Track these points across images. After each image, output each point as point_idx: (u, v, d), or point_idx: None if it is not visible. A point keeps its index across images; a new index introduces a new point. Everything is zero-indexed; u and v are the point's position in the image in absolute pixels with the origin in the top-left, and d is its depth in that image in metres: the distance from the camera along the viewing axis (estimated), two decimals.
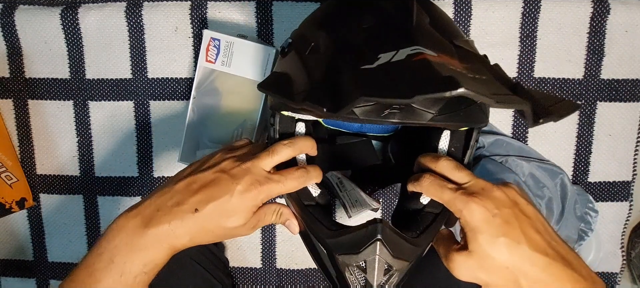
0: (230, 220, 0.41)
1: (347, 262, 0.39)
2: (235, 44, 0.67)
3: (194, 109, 0.70)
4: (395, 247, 0.39)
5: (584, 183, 0.76)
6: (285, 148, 0.43)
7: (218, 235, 0.42)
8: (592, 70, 0.73)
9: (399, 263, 0.39)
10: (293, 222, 0.46)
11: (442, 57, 0.33)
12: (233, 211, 0.41)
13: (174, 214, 0.40)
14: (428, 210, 0.45)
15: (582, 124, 0.74)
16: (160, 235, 0.39)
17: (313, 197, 0.46)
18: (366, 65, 0.33)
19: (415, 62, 0.32)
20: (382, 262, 0.38)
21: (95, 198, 0.80)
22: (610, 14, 0.70)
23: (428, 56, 0.32)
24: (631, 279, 0.80)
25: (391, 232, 0.39)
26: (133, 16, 0.74)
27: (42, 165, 0.80)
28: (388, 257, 0.38)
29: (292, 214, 0.46)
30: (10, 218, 0.81)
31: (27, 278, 0.84)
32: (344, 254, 0.39)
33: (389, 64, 0.33)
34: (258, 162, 0.42)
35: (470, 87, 0.28)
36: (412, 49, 0.33)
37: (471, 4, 0.71)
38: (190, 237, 0.40)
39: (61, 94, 0.77)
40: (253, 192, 0.41)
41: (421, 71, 0.31)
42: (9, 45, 0.76)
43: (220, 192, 0.40)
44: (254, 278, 0.81)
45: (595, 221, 0.72)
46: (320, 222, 0.42)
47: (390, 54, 0.33)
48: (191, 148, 0.72)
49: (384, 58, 0.33)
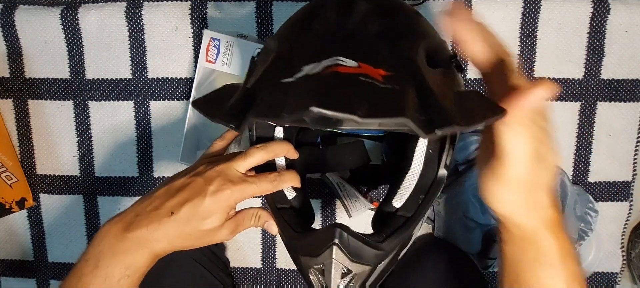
0: (205, 222, 0.42)
1: (309, 264, 0.41)
2: (235, 44, 0.67)
3: (194, 109, 0.70)
4: (353, 251, 0.39)
5: (584, 183, 0.76)
6: (259, 152, 0.44)
7: (197, 239, 0.43)
8: (592, 70, 0.73)
9: (359, 267, 0.40)
10: (272, 224, 0.47)
11: (363, 67, 0.33)
12: (208, 212, 0.41)
13: (151, 218, 0.41)
14: (400, 213, 0.45)
15: (582, 124, 0.74)
16: (140, 238, 0.40)
17: (288, 200, 0.47)
18: (286, 79, 0.34)
19: (324, 76, 0.32)
20: (339, 265, 0.39)
21: (95, 198, 0.80)
22: (610, 14, 0.70)
23: (341, 69, 0.32)
24: (631, 279, 0.80)
25: (350, 237, 0.39)
26: (133, 16, 0.74)
27: (42, 165, 0.80)
28: (345, 261, 0.39)
29: (270, 215, 0.47)
30: (10, 218, 0.81)
31: (27, 278, 0.84)
32: (305, 256, 0.41)
33: (305, 77, 0.33)
34: (232, 164, 0.44)
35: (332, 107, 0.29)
36: (332, 60, 0.33)
37: (471, 4, 0.71)
38: (168, 240, 0.41)
39: (61, 94, 0.77)
40: (226, 191, 0.42)
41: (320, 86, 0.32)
42: (9, 45, 0.76)
43: (193, 194, 0.42)
44: (254, 278, 0.81)
45: (595, 221, 0.72)
46: (288, 224, 0.44)
47: (311, 66, 0.34)
48: (191, 149, 0.72)
49: (306, 70, 0.34)
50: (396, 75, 0.33)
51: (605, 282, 0.79)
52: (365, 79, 0.32)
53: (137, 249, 0.40)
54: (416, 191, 0.45)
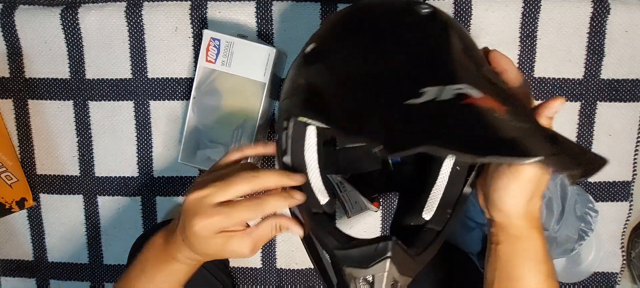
0: (206, 246, 0.42)
1: (355, 275, 0.40)
2: (235, 44, 0.67)
3: (194, 109, 0.70)
4: (402, 264, 0.39)
5: (584, 183, 0.76)
6: (242, 185, 0.41)
7: (217, 254, 0.43)
8: (592, 70, 0.73)
9: (404, 279, 0.40)
10: (295, 226, 0.45)
11: (486, 99, 0.33)
12: (203, 239, 0.41)
13: (175, 238, 0.44)
14: (430, 226, 0.45)
15: (582, 124, 0.74)
16: (174, 254, 0.45)
17: (320, 205, 0.45)
18: (411, 100, 0.33)
19: (465, 108, 0.32)
20: (390, 277, 0.39)
21: (95, 198, 0.80)
22: (610, 14, 0.70)
23: (475, 101, 0.32)
24: (631, 279, 0.80)
25: (400, 250, 0.39)
26: (133, 16, 0.74)
27: (42, 165, 0.80)
28: (395, 274, 0.39)
29: (291, 220, 0.45)
30: (10, 218, 0.81)
31: (27, 278, 0.84)
32: (352, 267, 0.40)
33: (435, 102, 0.32)
34: (210, 195, 0.41)
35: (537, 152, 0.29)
36: (457, 88, 0.33)
37: (471, 4, 0.71)
38: (192, 257, 0.45)
39: (61, 94, 0.77)
40: (203, 222, 0.41)
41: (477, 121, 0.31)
42: (9, 45, 0.76)
43: (185, 222, 0.42)
44: (254, 278, 0.81)
45: (595, 221, 0.72)
46: (329, 233, 0.42)
47: (435, 90, 0.32)
48: (191, 149, 0.72)
49: (429, 94, 0.32)
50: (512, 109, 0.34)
51: (605, 282, 0.79)
52: (498, 116, 0.32)
53: (174, 262, 0.45)
54: (442, 205, 0.45)
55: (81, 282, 0.84)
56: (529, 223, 0.41)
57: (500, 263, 0.42)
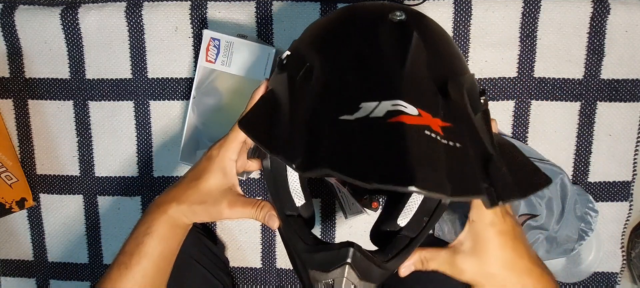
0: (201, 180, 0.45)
1: (317, 278, 0.41)
2: (235, 44, 0.67)
3: (194, 108, 0.70)
4: (363, 270, 0.40)
5: (584, 183, 0.76)
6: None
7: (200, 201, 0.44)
8: (592, 70, 0.73)
9: (366, 285, 0.41)
10: (273, 216, 0.46)
11: (423, 116, 0.33)
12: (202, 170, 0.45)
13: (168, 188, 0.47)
14: (404, 233, 0.45)
15: (582, 124, 0.74)
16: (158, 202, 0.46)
17: (296, 207, 0.47)
18: (345, 116, 0.34)
19: (390, 125, 0.32)
20: (349, 283, 0.40)
21: (95, 198, 0.80)
22: (610, 14, 0.70)
23: (405, 118, 0.32)
24: (631, 279, 0.80)
25: (362, 257, 0.40)
26: (133, 16, 0.74)
27: (42, 165, 0.80)
28: (355, 279, 0.40)
29: (273, 208, 0.46)
30: (10, 218, 0.81)
31: (27, 278, 0.84)
32: (315, 270, 0.41)
33: (366, 119, 0.33)
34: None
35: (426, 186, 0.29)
36: (393, 103, 0.33)
37: (471, 4, 0.71)
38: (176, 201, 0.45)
39: (61, 94, 0.77)
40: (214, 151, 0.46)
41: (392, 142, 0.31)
42: (9, 45, 0.76)
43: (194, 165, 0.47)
44: (254, 278, 0.81)
45: (595, 221, 0.72)
46: (298, 235, 0.43)
47: (371, 106, 0.33)
48: (191, 148, 0.72)
49: (364, 110, 0.33)
50: (454, 127, 0.34)
51: (605, 282, 0.79)
52: (429, 134, 0.32)
53: (155, 210, 0.45)
54: (420, 212, 0.45)
55: (81, 282, 0.84)
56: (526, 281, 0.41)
57: None
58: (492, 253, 0.41)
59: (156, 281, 0.46)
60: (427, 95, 0.36)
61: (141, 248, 0.44)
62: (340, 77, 0.37)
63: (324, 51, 0.41)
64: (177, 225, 0.45)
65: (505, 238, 0.41)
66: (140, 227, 0.45)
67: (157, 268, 0.45)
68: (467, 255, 0.42)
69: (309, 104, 0.37)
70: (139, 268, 0.44)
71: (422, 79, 0.37)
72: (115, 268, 0.44)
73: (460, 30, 0.72)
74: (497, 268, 0.41)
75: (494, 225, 0.41)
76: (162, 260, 0.45)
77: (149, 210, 0.46)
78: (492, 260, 0.41)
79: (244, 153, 0.49)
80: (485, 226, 0.41)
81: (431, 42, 0.40)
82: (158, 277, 0.46)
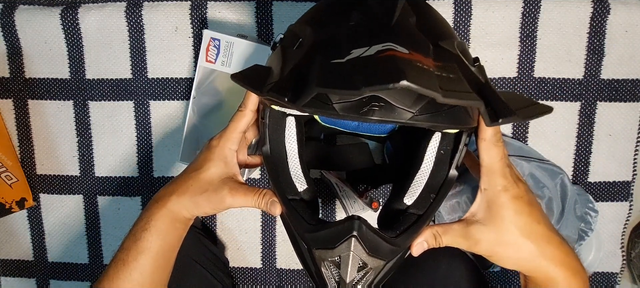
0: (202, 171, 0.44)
1: (323, 257, 0.40)
2: (235, 44, 0.67)
3: (194, 109, 0.70)
4: (371, 244, 0.39)
5: (584, 183, 0.76)
6: None
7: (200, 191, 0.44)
8: (592, 70, 0.73)
9: (374, 261, 0.40)
10: (276, 203, 0.45)
11: (413, 54, 0.33)
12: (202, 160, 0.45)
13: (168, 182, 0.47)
14: (411, 210, 0.45)
15: (582, 124, 0.74)
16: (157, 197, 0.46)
17: (298, 192, 0.46)
18: (337, 60, 0.34)
19: (382, 58, 0.32)
20: (356, 258, 0.39)
21: (95, 198, 0.80)
22: (610, 14, 0.70)
23: (396, 53, 0.32)
24: (631, 279, 0.80)
25: (368, 230, 0.39)
26: (133, 16, 0.74)
27: (42, 165, 0.80)
28: (362, 254, 0.39)
29: (274, 195, 0.45)
30: (10, 218, 0.81)
31: (27, 278, 0.84)
32: (320, 249, 0.40)
33: (358, 58, 0.33)
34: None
35: (417, 81, 0.28)
36: (384, 45, 0.33)
37: (471, 4, 0.71)
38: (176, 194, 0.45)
39: (61, 94, 0.77)
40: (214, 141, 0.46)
41: (383, 66, 0.32)
42: (9, 45, 0.76)
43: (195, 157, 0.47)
44: (254, 278, 0.81)
45: (595, 221, 0.72)
46: (301, 217, 0.43)
47: (362, 49, 0.33)
48: (191, 149, 0.72)
49: (355, 53, 0.33)
50: (446, 66, 0.34)
51: (605, 282, 0.79)
52: (421, 66, 0.32)
53: (153, 204, 0.45)
54: (426, 190, 0.45)
55: (81, 282, 0.84)
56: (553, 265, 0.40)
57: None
58: (508, 219, 0.39)
59: (155, 278, 0.45)
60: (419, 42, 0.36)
61: (139, 244, 0.44)
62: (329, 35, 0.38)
63: (314, 23, 0.41)
64: (177, 219, 0.45)
65: (520, 203, 0.39)
66: (139, 223, 0.45)
67: (155, 265, 0.44)
68: (482, 224, 0.40)
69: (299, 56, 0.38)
70: (136, 265, 0.43)
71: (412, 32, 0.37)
72: (113, 266, 0.44)
73: (460, 30, 0.72)
74: (514, 235, 0.39)
75: (507, 190, 0.39)
76: (160, 256, 0.45)
77: (148, 205, 0.46)
78: (509, 227, 0.39)
79: (244, 148, 0.49)
80: (498, 192, 0.39)
81: (419, 8, 0.41)
82: (157, 274, 0.45)
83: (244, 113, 0.45)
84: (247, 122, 0.45)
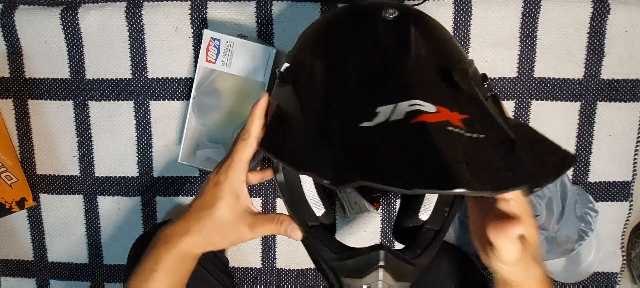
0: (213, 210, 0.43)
1: (352, 285, 0.40)
2: (235, 44, 0.67)
3: (194, 109, 0.70)
4: (397, 271, 0.40)
5: (584, 183, 0.76)
6: None
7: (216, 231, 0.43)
8: (592, 70, 0.73)
9: (402, 285, 0.40)
10: (295, 228, 0.45)
11: (441, 111, 0.33)
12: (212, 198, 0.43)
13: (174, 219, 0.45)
14: (428, 226, 0.45)
15: (582, 124, 0.74)
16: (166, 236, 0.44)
17: (317, 217, 0.46)
18: (365, 123, 0.33)
19: (413, 127, 0.32)
20: (386, 286, 0.39)
21: (95, 198, 0.80)
22: (610, 14, 0.70)
23: (426, 117, 0.32)
24: (631, 279, 0.80)
25: (393, 257, 0.39)
26: (133, 16, 0.74)
27: (42, 165, 0.80)
28: (390, 281, 0.39)
29: (292, 221, 0.45)
30: (10, 218, 0.81)
31: (27, 278, 0.84)
32: (348, 277, 0.40)
33: (387, 124, 0.33)
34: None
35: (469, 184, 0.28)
36: (411, 104, 0.33)
37: (471, 4, 0.71)
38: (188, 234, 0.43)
39: (61, 94, 0.77)
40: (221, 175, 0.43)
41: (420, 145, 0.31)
42: (9, 45, 0.76)
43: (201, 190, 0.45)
44: (254, 278, 0.81)
45: (595, 221, 0.72)
46: (324, 245, 0.43)
47: (388, 109, 0.33)
48: (191, 148, 0.72)
49: (382, 114, 0.33)
50: (472, 118, 0.34)
51: (605, 282, 0.79)
52: (452, 129, 0.32)
53: (163, 245, 0.44)
54: (439, 203, 0.45)
55: (81, 282, 0.84)
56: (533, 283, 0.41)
57: None
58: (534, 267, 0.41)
59: None
60: (439, 89, 0.35)
61: (148, 285, 0.43)
62: (344, 79, 0.37)
63: (322, 53, 0.40)
64: (188, 257, 0.44)
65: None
66: (147, 263, 0.43)
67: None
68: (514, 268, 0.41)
69: (320, 111, 0.37)
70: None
71: (428, 73, 0.37)
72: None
73: (460, 30, 0.72)
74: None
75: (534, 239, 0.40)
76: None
77: (156, 242, 0.44)
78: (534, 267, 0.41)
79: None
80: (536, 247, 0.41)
81: (428, 33, 0.40)
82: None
83: (248, 141, 0.43)
84: (252, 151, 0.43)
